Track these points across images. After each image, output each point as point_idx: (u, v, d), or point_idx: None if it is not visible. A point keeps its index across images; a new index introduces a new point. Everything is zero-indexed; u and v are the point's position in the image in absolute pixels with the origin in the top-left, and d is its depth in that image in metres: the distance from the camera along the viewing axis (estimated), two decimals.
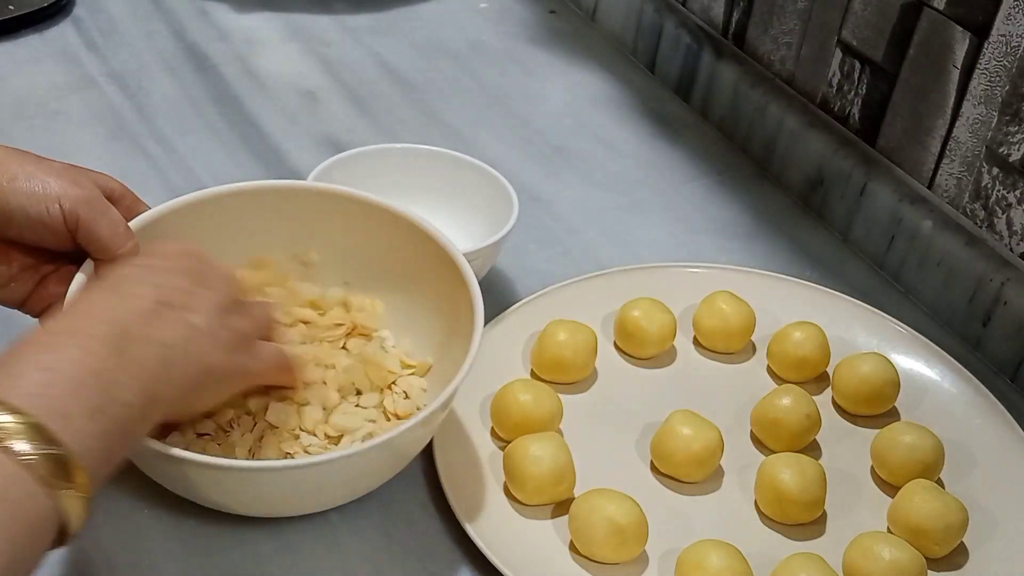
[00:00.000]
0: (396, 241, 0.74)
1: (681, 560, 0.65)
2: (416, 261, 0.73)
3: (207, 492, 0.64)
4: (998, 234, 0.83)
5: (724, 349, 0.81)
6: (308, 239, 0.75)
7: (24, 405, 0.48)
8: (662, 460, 0.72)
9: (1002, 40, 0.78)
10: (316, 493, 0.65)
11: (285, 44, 1.12)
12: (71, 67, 1.04)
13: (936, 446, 0.72)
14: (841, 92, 0.94)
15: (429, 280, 0.73)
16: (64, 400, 0.50)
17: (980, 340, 0.84)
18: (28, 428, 0.47)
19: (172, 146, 0.96)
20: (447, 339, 0.71)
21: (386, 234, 0.74)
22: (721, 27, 1.05)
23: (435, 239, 0.72)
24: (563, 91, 1.09)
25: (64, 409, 0.49)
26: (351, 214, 0.74)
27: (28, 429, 0.47)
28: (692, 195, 0.98)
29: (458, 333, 0.69)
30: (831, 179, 0.94)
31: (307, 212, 0.74)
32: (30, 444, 0.47)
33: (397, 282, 0.75)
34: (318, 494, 0.65)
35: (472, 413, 0.74)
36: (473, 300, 0.68)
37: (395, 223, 0.73)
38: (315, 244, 0.75)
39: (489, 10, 1.20)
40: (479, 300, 0.68)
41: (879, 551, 0.65)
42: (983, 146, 0.82)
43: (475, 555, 0.66)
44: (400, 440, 0.63)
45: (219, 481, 0.62)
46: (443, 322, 0.72)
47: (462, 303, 0.69)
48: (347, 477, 0.64)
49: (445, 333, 0.72)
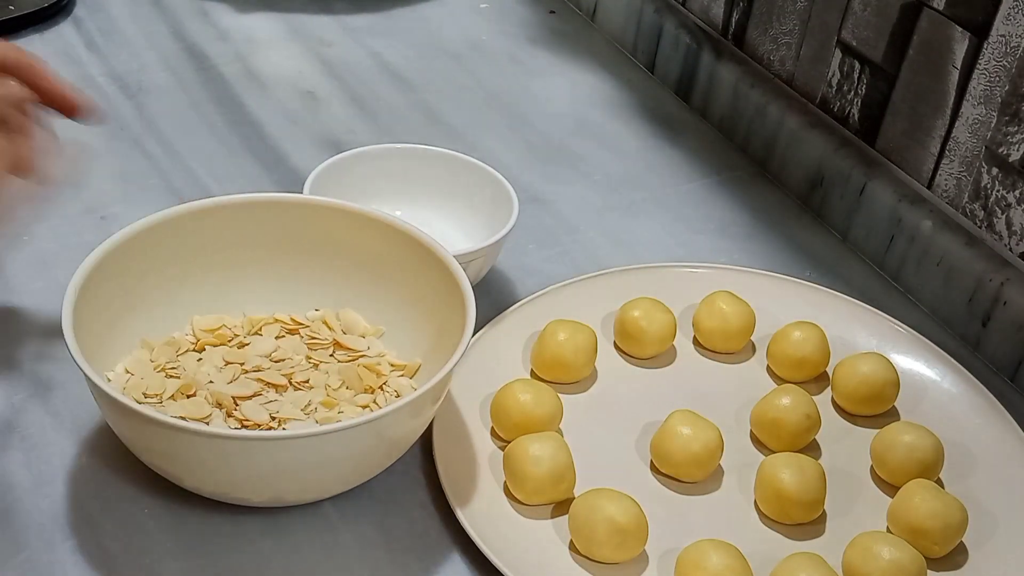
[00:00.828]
0: (384, 247, 0.74)
1: (681, 560, 0.65)
2: (405, 265, 0.73)
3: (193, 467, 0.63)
4: (997, 234, 0.83)
5: (724, 349, 0.81)
6: (296, 249, 0.75)
7: None
8: (662, 460, 0.72)
9: (1002, 40, 0.79)
10: (303, 473, 0.63)
11: (285, 44, 1.12)
12: (71, 67, 1.04)
13: (936, 446, 0.72)
14: (841, 92, 0.94)
15: (419, 283, 0.73)
16: None
17: (980, 340, 0.84)
18: None
19: (172, 146, 0.96)
20: (437, 340, 0.71)
21: (374, 241, 0.74)
22: (721, 27, 1.05)
23: (423, 243, 0.72)
24: (563, 91, 1.09)
25: None
26: (338, 224, 0.74)
27: None
28: (692, 195, 0.98)
29: (449, 332, 0.69)
30: (831, 179, 0.94)
31: (294, 223, 0.75)
32: None
33: (387, 286, 0.75)
34: (305, 475, 0.63)
35: (472, 413, 0.74)
36: (464, 297, 0.68)
37: (381, 230, 0.74)
38: (303, 253, 0.75)
39: (489, 10, 1.21)
40: (470, 296, 0.68)
41: (879, 551, 0.65)
42: (983, 146, 0.82)
43: (475, 555, 0.66)
44: (388, 422, 0.62)
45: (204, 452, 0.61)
46: (435, 323, 0.72)
47: (454, 302, 0.69)
48: (334, 457, 0.63)
49: (436, 334, 0.72)
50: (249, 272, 0.75)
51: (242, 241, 0.74)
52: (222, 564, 0.65)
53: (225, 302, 0.75)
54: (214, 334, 0.73)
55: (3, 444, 0.70)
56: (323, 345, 0.74)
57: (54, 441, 0.70)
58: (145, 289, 0.72)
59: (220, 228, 0.74)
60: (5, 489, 0.67)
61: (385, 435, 0.65)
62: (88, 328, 0.65)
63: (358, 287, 0.76)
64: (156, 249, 0.71)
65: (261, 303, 0.75)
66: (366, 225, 0.74)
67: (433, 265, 0.71)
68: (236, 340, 0.74)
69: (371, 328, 0.75)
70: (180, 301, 0.74)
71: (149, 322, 0.73)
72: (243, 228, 0.74)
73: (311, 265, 0.76)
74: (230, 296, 0.75)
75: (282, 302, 0.76)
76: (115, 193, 0.90)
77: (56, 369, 0.74)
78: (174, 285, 0.73)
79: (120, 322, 0.71)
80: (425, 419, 0.68)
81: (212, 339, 0.73)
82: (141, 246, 0.71)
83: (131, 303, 0.71)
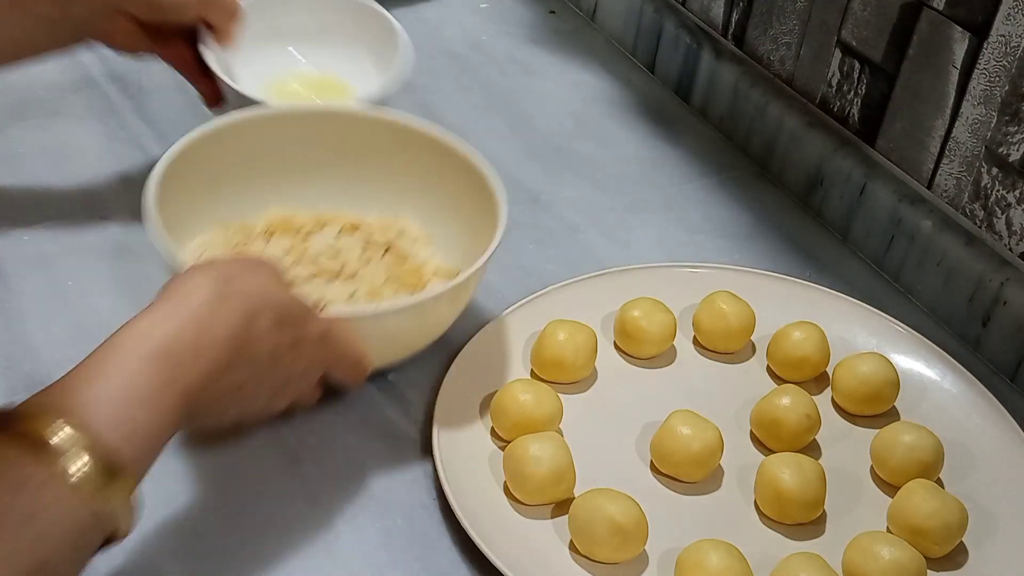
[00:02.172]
0: (437, 163, 0.81)
1: (681, 560, 0.65)
2: (453, 179, 0.80)
3: None
4: (997, 234, 0.83)
5: (724, 349, 0.81)
6: (362, 158, 0.83)
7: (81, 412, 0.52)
8: (662, 460, 0.72)
9: (1001, 40, 0.79)
10: None
11: None
12: (71, 67, 1.04)
13: (935, 446, 0.72)
14: (841, 92, 0.94)
15: (461, 196, 0.80)
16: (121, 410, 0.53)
17: (980, 340, 0.84)
18: (81, 436, 0.50)
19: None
20: (471, 248, 0.75)
21: (430, 156, 0.81)
22: (721, 27, 1.05)
23: (470, 160, 0.79)
24: (563, 91, 1.09)
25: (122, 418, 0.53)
26: (399, 138, 0.82)
27: (80, 437, 0.50)
28: (692, 195, 0.98)
29: (483, 239, 0.74)
30: (831, 179, 0.94)
31: (362, 134, 0.82)
32: (83, 453, 0.50)
33: (437, 199, 0.82)
34: None
35: (472, 413, 0.74)
36: (498, 208, 0.75)
37: (436, 146, 0.81)
38: (368, 162, 0.83)
39: (489, 10, 1.21)
40: (503, 202, 0.75)
41: (879, 551, 0.65)
42: (982, 146, 0.82)
43: (475, 555, 0.66)
44: (431, 305, 0.71)
45: None
46: (470, 233, 0.78)
47: (488, 211, 0.76)
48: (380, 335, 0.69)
49: (471, 242, 0.76)
50: (320, 174, 0.82)
51: (316, 145, 0.82)
52: (224, 567, 0.65)
53: (297, 198, 0.82)
54: (283, 224, 0.81)
55: None
56: (377, 245, 0.81)
57: None
58: (227, 178, 0.80)
59: (298, 131, 0.82)
60: None
61: (425, 315, 0.72)
62: (168, 207, 0.71)
63: (413, 198, 0.83)
64: (239, 144, 0.79)
65: (328, 203, 0.83)
66: (424, 141, 0.81)
67: (475, 180, 0.78)
68: (302, 232, 0.81)
69: (421, 234, 0.82)
70: (257, 193, 0.81)
71: (227, 208, 0.80)
72: (318, 133, 0.82)
73: (374, 174, 0.83)
74: (302, 193, 0.82)
75: (346, 204, 0.83)
76: (115, 193, 0.90)
77: (56, 369, 0.74)
78: (253, 177, 0.81)
79: (200, 206, 0.78)
80: (460, 304, 0.74)
81: (281, 228, 0.81)
82: (228, 139, 0.78)
83: (213, 189, 0.79)
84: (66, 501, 0.49)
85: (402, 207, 0.83)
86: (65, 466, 0.50)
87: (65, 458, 0.50)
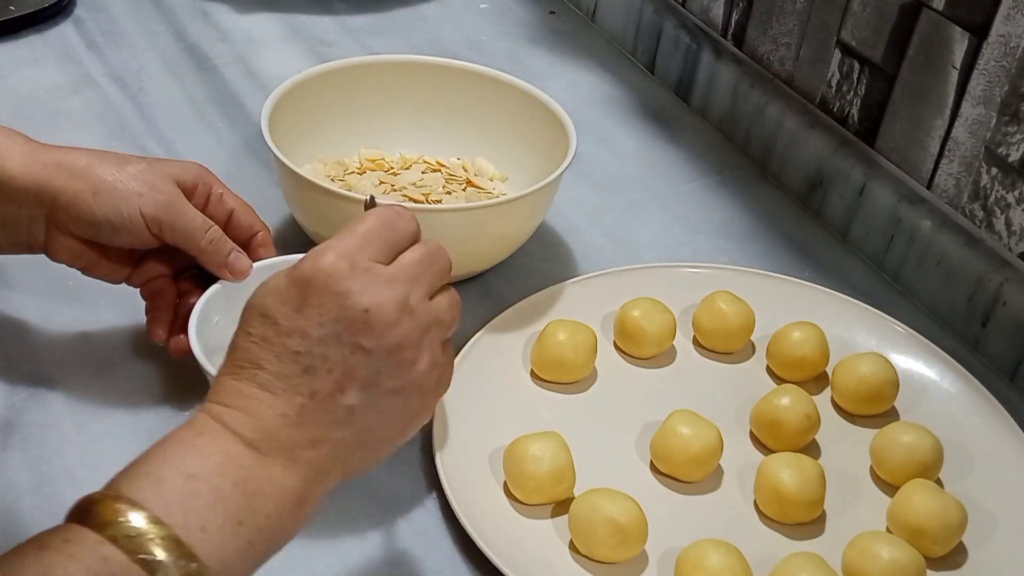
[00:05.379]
0: (513, 105, 0.90)
1: (681, 560, 0.65)
2: (528, 120, 0.89)
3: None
4: (997, 234, 0.83)
5: (724, 349, 0.81)
6: (444, 105, 0.92)
7: (164, 514, 0.47)
8: (662, 460, 0.72)
9: (1001, 40, 0.79)
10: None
11: (285, 44, 1.12)
12: (72, 67, 1.04)
13: (935, 446, 0.72)
14: (840, 92, 0.94)
15: (535, 135, 0.88)
16: (204, 512, 0.48)
17: (979, 340, 0.84)
18: (166, 540, 0.47)
19: (173, 146, 0.96)
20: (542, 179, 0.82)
21: (505, 100, 0.90)
22: (720, 27, 1.05)
23: (541, 99, 0.88)
24: (563, 91, 1.09)
25: (203, 522, 0.48)
26: (475, 84, 0.91)
27: (165, 541, 0.47)
28: (692, 195, 0.98)
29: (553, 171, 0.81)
30: (830, 179, 0.94)
31: (444, 82, 0.92)
32: (166, 555, 0.46)
33: (511, 139, 0.91)
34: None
35: (472, 414, 0.74)
36: (568, 138, 0.84)
37: (510, 91, 0.90)
38: (449, 109, 0.92)
39: (489, 10, 1.21)
40: (573, 135, 0.83)
41: (878, 550, 0.65)
42: (982, 146, 0.82)
43: (475, 555, 0.66)
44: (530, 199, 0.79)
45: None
46: (543, 171, 0.84)
47: (558, 148, 0.84)
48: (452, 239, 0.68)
49: (543, 178, 0.81)
50: (406, 120, 0.93)
51: (402, 92, 0.92)
52: None
53: (386, 141, 0.93)
54: (375, 162, 0.91)
55: (3, 444, 0.70)
56: (457, 182, 0.90)
57: (54, 441, 0.70)
58: (325, 118, 0.90)
59: (388, 79, 0.91)
60: (5, 489, 0.67)
61: (488, 228, 0.80)
62: (275, 140, 0.80)
63: (490, 140, 0.92)
64: (336, 88, 0.89)
65: (414, 145, 0.93)
66: (499, 87, 0.91)
67: (549, 118, 0.87)
68: (391, 170, 0.91)
69: (497, 173, 0.92)
70: (351, 134, 0.92)
71: (325, 146, 0.90)
72: (404, 82, 0.92)
73: (455, 119, 0.93)
74: (390, 136, 0.93)
75: (430, 147, 0.93)
76: None
77: (56, 369, 0.75)
78: (349, 119, 0.91)
79: (301, 142, 0.87)
80: (543, 206, 0.83)
81: (373, 165, 0.91)
82: (326, 83, 0.88)
83: (313, 128, 0.89)
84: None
85: (478, 149, 0.93)
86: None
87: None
